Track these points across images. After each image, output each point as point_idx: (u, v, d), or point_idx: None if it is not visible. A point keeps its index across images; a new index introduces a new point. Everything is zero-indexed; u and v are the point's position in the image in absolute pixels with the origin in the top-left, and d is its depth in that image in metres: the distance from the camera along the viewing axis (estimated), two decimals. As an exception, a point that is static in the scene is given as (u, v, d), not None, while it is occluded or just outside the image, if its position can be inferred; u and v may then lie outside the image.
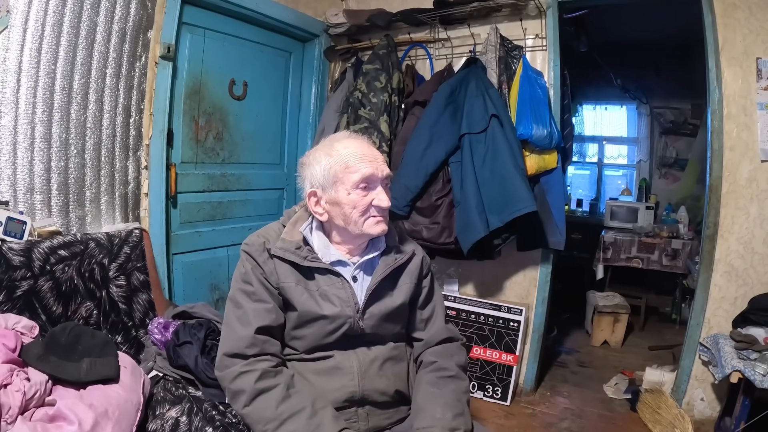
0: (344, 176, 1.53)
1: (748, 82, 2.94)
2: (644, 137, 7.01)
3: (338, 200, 1.55)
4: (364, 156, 1.55)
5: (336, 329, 1.56)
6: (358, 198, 1.53)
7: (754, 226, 2.97)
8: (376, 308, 1.61)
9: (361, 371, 1.57)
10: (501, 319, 3.50)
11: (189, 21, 3.12)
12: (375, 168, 1.54)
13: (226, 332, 1.54)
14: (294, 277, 1.56)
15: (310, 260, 1.57)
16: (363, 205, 1.53)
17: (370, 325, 1.60)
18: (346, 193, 1.53)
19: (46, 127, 2.40)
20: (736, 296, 3.02)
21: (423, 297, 1.76)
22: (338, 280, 1.59)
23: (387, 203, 1.54)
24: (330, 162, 1.55)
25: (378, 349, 1.64)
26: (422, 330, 1.76)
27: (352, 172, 1.52)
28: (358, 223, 1.55)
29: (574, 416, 3.42)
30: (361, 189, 1.53)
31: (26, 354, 1.81)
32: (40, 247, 2.22)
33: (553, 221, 3.25)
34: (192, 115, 3.26)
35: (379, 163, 1.57)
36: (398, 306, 1.65)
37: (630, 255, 5.28)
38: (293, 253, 1.55)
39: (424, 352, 1.75)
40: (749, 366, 2.49)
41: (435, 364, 1.69)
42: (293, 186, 4.11)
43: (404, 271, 1.70)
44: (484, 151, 2.98)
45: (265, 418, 1.40)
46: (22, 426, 1.55)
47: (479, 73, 3.16)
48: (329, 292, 1.57)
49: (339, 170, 1.54)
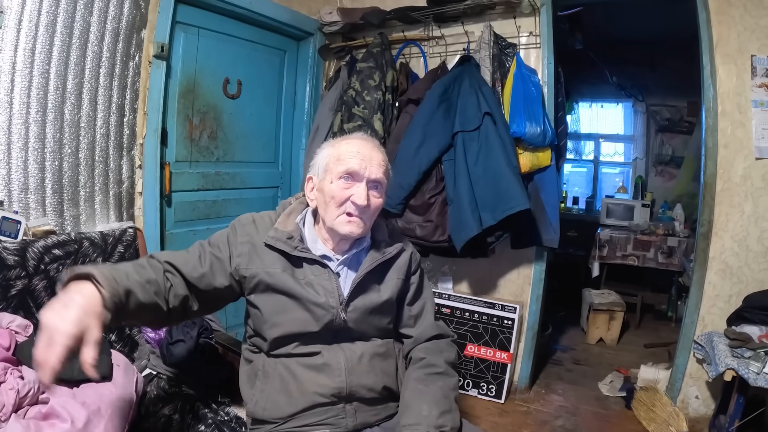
0: (334, 166, 1.59)
1: (742, 80, 2.95)
2: (640, 135, 7.04)
3: (323, 188, 1.60)
4: (358, 153, 1.59)
5: (318, 318, 1.57)
6: (338, 189, 1.56)
7: (749, 223, 2.98)
8: (360, 301, 1.62)
9: (349, 367, 1.58)
10: (495, 317, 3.51)
11: (183, 20, 3.12)
12: (362, 166, 1.57)
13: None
14: (281, 264, 1.58)
15: (300, 250, 1.59)
16: (341, 198, 1.56)
17: (354, 318, 1.61)
18: (330, 181, 1.58)
19: (40, 127, 2.40)
20: (731, 294, 3.03)
21: (411, 293, 1.77)
22: (325, 271, 1.62)
23: (362, 201, 1.55)
24: (330, 152, 1.63)
25: (364, 345, 1.64)
26: (411, 327, 1.77)
27: (341, 165, 1.57)
28: (332, 215, 1.58)
29: (568, 414, 3.43)
30: (343, 180, 1.57)
31: (20, 353, 1.81)
32: (34, 247, 2.21)
33: (547, 219, 3.25)
34: (186, 114, 3.27)
35: (371, 163, 1.59)
36: (384, 301, 1.66)
37: (626, 252, 5.31)
38: (284, 242, 1.58)
39: (414, 349, 1.75)
40: (743, 364, 2.49)
41: (423, 361, 1.69)
42: (288, 184, 4.13)
43: (392, 267, 1.72)
44: (477, 149, 2.99)
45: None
46: (16, 424, 1.55)
47: (473, 71, 3.16)
48: (315, 281, 1.59)
49: (332, 160, 1.60)
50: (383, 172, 1.62)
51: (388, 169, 1.66)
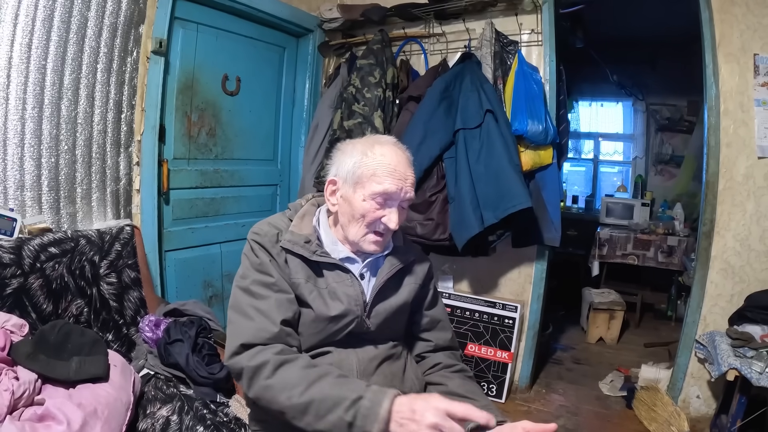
0: (368, 182, 1.49)
1: (745, 79, 2.95)
2: (640, 134, 7.04)
3: (352, 201, 1.51)
4: (395, 171, 1.49)
5: (342, 329, 1.53)
6: (371, 209, 1.48)
7: (751, 222, 2.98)
8: (381, 307, 1.59)
9: (360, 369, 1.54)
10: (496, 316, 3.50)
11: (181, 16, 3.10)
12: (399, 188, 1.49)
13: (243, 323, 1.44)
14: (304, 273, 1.52)
15: (319, 255, 1.53)
16: (372, 218, 1.49)
17: (376, 323, 1.58)
18: (362, 198, 1.49)
19: (37, 124, 2.39)
20: (733, 293, 3.03)
21: (429, 299, 1.76)
22: (347, 276, 1.56)
23: (395, 225, 1.50)
24: (362, 161, 1.51)
25: (378, 348, 1.61)
26: (429, 331, 1.75)
27: (376, 183, 1.48)
28: (358, 234, 1.52)
29: (569, 413, 3.44)
30: (377, 202, 1.49)
31: (15, 353, 1.80)
32: (30, 245, 2.21)
33: (548, 217, 3.24)
34: (184, 111, 3.25)
35: (406, 183, 1.51)
36: (401, 305, 1.63)
37: (625, 252, 5.32)
38: (302, 246, 1.52)
39: (435, 354, 1.75)
40: (746, 364, 2.49)
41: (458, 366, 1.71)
42: (287, 182, 4.13)
43: (409, 273, 1.69)
44: (478, 147, 2.98)
45: (291, 383, 1.31)
46: (11, 426, 1.54)
47: (474, 68, 3.15)
48: (338, 289, 1.54)
49: (365, 173, 1.49)
50: (414, 189, 1.56)
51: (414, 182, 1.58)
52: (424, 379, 1.69)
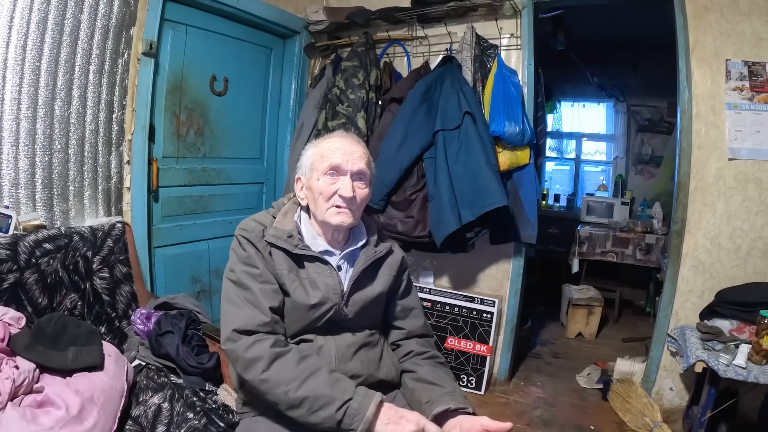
0: (319, 164, 1.65)
1: (717, 83, 3.01)
2: (621, 134, 7.11)
3: (311, 185, 1.67)
4: (340, 149, 1.66)
5: (321, 316, 1.63)
6: (326, 185, 1.63)
7: (721, 222, 3.05)
8: (358, 296, 1.69)
9: (338, 355, 1.64)
10: (475, 311, 3.58)
11: (171, 18, 3.16)
12: (344, 160, 1.63)
13: (233, 311, 1.56)
14: (287, 264, 1.64)
15: (300, 248, 1.64)
16: (328, 192, 1.63)
17: (353, 311, 1.68)
18: (316, 179, 1.65)
19: (31, 123, 2.43)
20: (703, 289, 3.10)
21: (403, 288, 1.86)
22: (326, 267, 1.68)
23: (348, 193, 1.62)
24: (313, 152, 1.70)
25: (356, 335, 1.71)
26: (402, 319, 1.85)
27: (325, 161, 1.64)
28: (323, 209, 1.65)
29: (546, 405, 3.52)
30: (329, 176, 1.64)
31: (14, 344, 1.85)
32: (25, 241, 2.25)
33: (525, 215, 3.32)
34: (173, 111, 3.30)
35: (352, 157, 1.65)
36: (377, 295, 1.74)
37: (605, 249, 5.38)
38: (285, 240, 1.63)
39: (408, 342, 1.84)
40: (713, 356, 2.57)
41: (429, 353, 1.81)
42: (273, 180, 4.19)
43: (383, 264, 1.79)
44: (457, 148, 3.06)
45: (287, 378, 1.44)
46: (12, 411, 1.60)
47: (454, 71, 3.23)
48: (318, 279, 1.65)
49: (316, 159, 1.67)
50: (365, 164, 1.69)
51: (370, 161, 1.73)
52: (400, 366, 1.79)
